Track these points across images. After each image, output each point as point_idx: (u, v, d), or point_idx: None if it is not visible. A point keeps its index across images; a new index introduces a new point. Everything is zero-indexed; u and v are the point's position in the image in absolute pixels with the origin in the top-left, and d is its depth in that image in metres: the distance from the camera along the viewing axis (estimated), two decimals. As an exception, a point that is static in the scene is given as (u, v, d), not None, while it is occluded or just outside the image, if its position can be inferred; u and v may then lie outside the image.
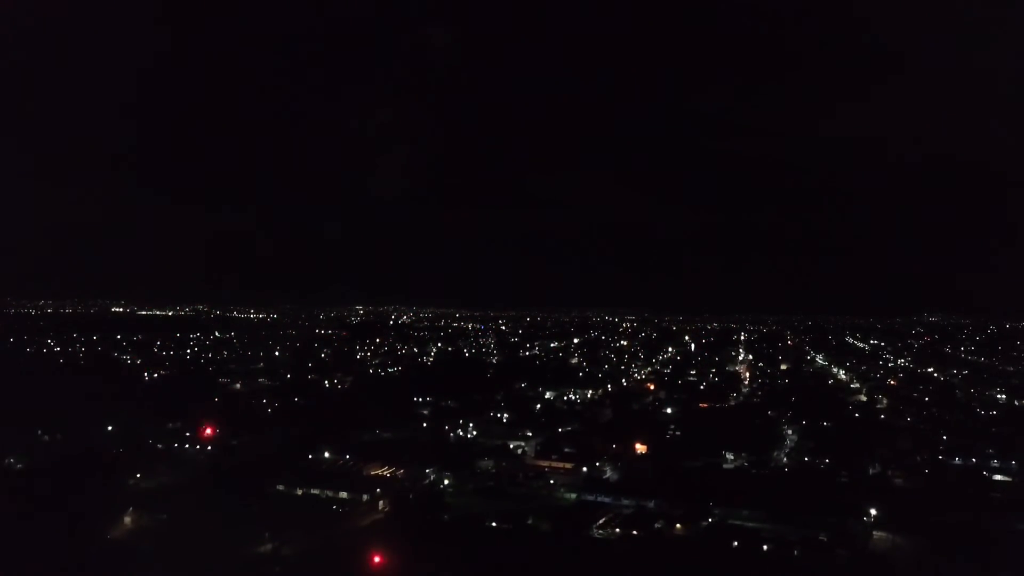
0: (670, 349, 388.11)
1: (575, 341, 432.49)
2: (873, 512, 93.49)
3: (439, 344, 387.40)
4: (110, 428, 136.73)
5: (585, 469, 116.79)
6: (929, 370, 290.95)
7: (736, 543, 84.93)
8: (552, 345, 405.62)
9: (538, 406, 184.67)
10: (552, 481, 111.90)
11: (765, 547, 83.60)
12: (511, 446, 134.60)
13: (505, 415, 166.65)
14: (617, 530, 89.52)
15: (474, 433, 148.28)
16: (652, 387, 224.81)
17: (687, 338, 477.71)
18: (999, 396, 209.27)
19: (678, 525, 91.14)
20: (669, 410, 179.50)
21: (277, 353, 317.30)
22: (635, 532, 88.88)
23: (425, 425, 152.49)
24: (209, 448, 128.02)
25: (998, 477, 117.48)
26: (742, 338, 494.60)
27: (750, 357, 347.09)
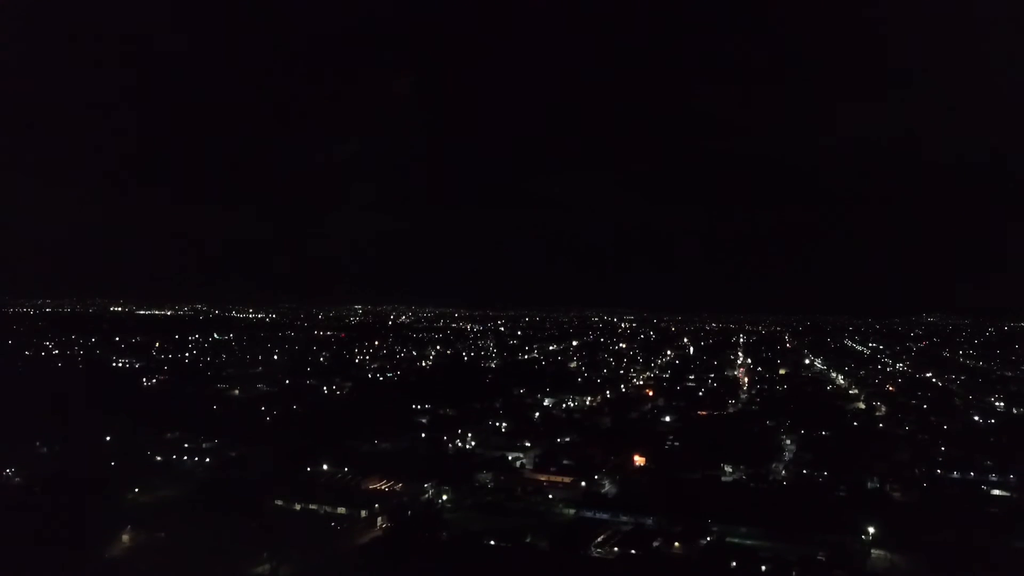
0: (669, 352, 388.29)
1: (574, 343, 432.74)
2: (871, 530, 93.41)
3: (438, 347, 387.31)
4: (108, 438, 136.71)
5: (584, 483, 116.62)
6: (927, 375, 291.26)
7: (734, 563, 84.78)
8: (551, 348, 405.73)
9: (536, 414, 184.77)
10: (551, 496, 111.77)
11: (764, 567, 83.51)
12: (510, 458, 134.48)
13: (504, 424, 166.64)
14: (615, 549, 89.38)
15: (472, 444, 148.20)
16: (651, 393, 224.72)
17: (686, 340, 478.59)
18: (997, 404, 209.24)
19: (676, 543, 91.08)
20: (668, 418, 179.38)
21: (276, 356, 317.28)
22: (633, 551, 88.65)
23: (424, 435, 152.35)
24: (208, 460, 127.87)
25: (996, 492, 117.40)
26: (740, 340, 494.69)
27: (748, 361, 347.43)
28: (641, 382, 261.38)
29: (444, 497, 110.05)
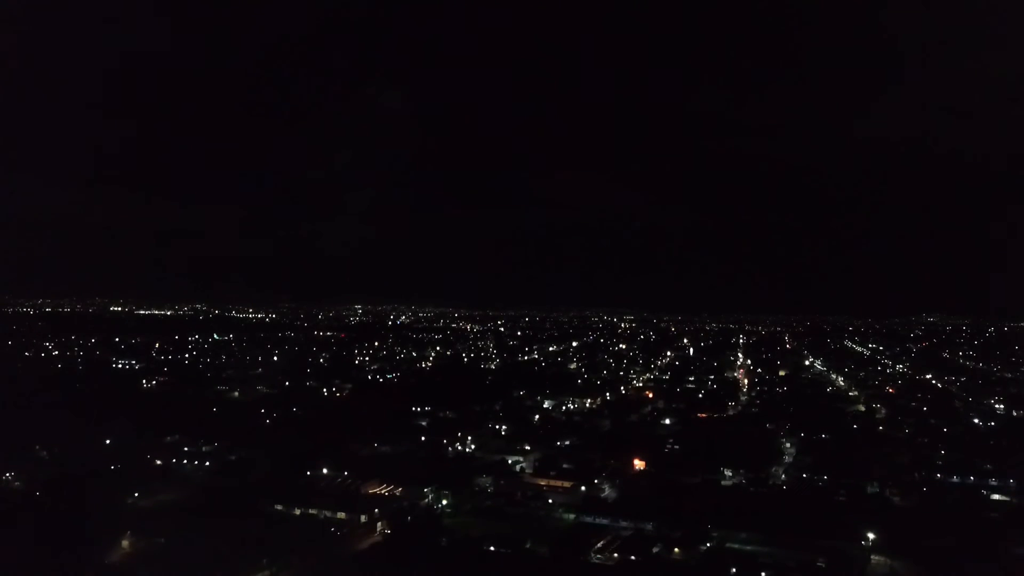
0: (668, 353, 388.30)
1: (574, 344, 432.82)
2: (871, 535, 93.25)
3: (438, 348, 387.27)
4: (108, 441, 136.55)
5: (583, 488, 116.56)
6: (927, 376, 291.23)
7: (734, 568, 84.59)
8: (551, 349, 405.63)
9: (536, 417, 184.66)
10: (551, 500, 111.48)
11: (763, 573, 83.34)
12: (509, 462, 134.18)
13: (503, 427, 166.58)
14: (615, 555, 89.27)
15: (472, 447, 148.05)
16: (650, 395, 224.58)
17: (686, 340, 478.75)
18: (997, 406, 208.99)
19: (676, 549, 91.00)
20: (667, 421, 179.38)
21: (276, 357, 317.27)
22: (633, 556, 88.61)
23: (424, 438, 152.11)
24: (207, 464, 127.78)
25: (997, 496, 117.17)
26: (740, 341, 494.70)
27: (748, 362, 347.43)
28: (641, 384, 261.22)
29: (444, 502, 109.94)
